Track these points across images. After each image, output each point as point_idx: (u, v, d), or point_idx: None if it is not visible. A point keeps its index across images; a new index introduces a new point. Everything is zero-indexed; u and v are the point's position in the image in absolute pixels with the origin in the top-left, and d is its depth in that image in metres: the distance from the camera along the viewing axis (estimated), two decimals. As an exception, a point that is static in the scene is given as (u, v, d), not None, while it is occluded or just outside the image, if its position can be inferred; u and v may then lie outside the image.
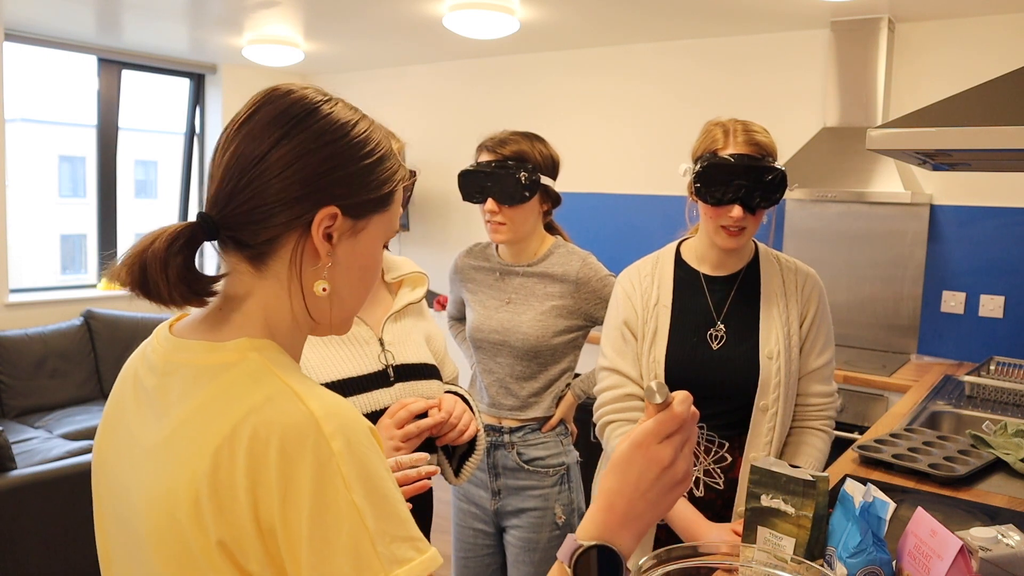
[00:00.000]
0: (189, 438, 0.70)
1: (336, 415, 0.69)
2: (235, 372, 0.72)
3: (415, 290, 1.51)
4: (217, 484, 0.67)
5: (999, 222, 3.20)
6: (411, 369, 1.41)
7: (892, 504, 1.07)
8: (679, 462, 0.73)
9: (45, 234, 11.58)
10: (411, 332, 1.47)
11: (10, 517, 2.47)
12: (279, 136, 0.74)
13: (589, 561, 0.71)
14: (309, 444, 0.66)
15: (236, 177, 0.74)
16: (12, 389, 4.03)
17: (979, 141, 1.60)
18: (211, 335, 0.76)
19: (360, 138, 0.78)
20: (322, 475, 0.66)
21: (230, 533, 0.66)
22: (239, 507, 0.66)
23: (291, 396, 0.69)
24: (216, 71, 5.19)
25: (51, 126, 12.06)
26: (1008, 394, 2.39)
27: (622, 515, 0.72)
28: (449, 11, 3.43)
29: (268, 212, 0.74)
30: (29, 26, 4.20)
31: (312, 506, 0.65)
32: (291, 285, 0.77)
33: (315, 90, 0.80)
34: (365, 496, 0.67)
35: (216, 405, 0.70)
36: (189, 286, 0.74)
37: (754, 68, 3.76)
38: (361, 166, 0.78)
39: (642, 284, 1.68)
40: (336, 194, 0.76)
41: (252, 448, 0.66)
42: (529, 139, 1.91)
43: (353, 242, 0.79)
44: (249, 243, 0.76)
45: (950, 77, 3.20)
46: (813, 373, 1.65)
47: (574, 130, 4.28)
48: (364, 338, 1.37)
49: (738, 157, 1.53)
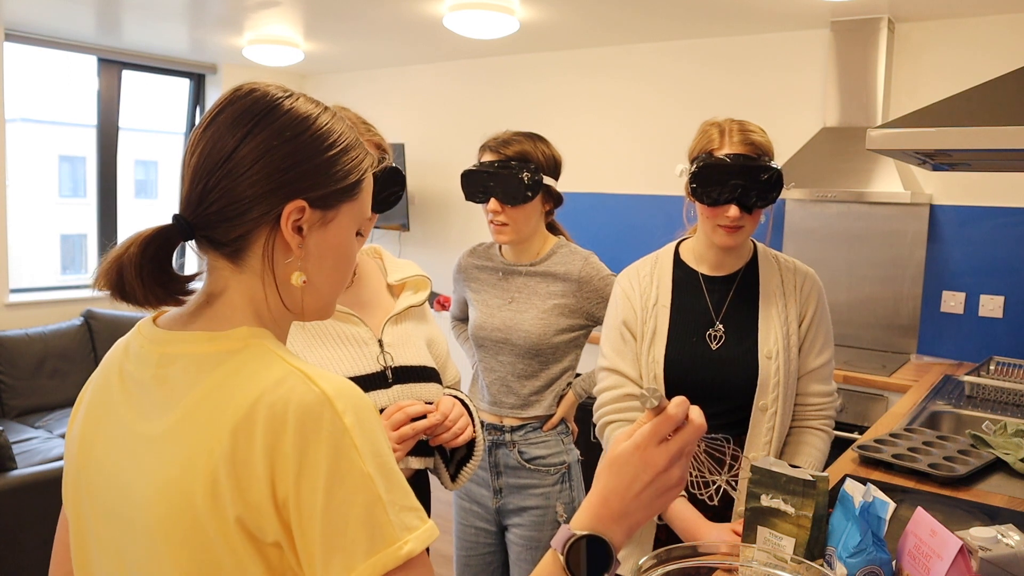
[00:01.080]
0: (202, 421, 0.72)
1: (346, 394, 0.72)
2: (241, 357, 0.75)
3: (417, 293, 1.50)
4: (236, 462, 0.69)
5: (999, 222, 3.20)
6: (410, 371, 1.41)
7: (892, 504, 1.08)
8: (674, 469, 0.76)
9: (45, 234, 11.57)
10: (412, 335, 1.46)
11: (10, 517, 2.47)
12: (242, 135, 0.77)
13: (581, 550, 0.74)
14: (325, 420, 0.69)
15: (205, 178, 0.77)
16: (12, 389, 4.03)
17: (979, 141, 1.60)
18: (206, 326, 0.78)
19: (323, 130, 0.80)
20: (338, 448, 0.69)
21: (248, 510, 0.69)
22: (257, 483, 0.68)
23: (302, 377, 0.72)
24: (216, 71, 5.20)
25: (51, 126, 12.05)
26: (1008, 394, 2.39)
27: (615, 512, 0.75)
28: (449, 11, 3.43)
29: (238, 210, 0.77)
30: (29, 26, 4.21)
31: (328, 478, 0.68)
32: (265, 277, 0.80)
33: (277, 87, 0.82)
34: (376, 468, 0.70)
35: (227, 388, 0.72)
36: (164, 288, 0.78)
37: (754, 68, 3.76)
38: (325, 158, 0.80)
39: (641, 284, 1.68)
40: (302, 187, 0.78)
41: (270, 426, 0.69)
42: (532, 139, 1.92)
43: (324, 233, 0.81)
44: (223, 241, 0.78)
45: (950, 77, 3.20)
46: (812, 373, 1.65)
47: (574, 130, 4.28)
48: (363, 339, 1.37)
49: (734, 157, 1.53)
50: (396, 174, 1.34)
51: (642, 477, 0.75)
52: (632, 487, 0.75)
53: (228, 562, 0.69)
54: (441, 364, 1.52)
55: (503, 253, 2.02)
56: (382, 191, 1.31)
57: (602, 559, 0.74)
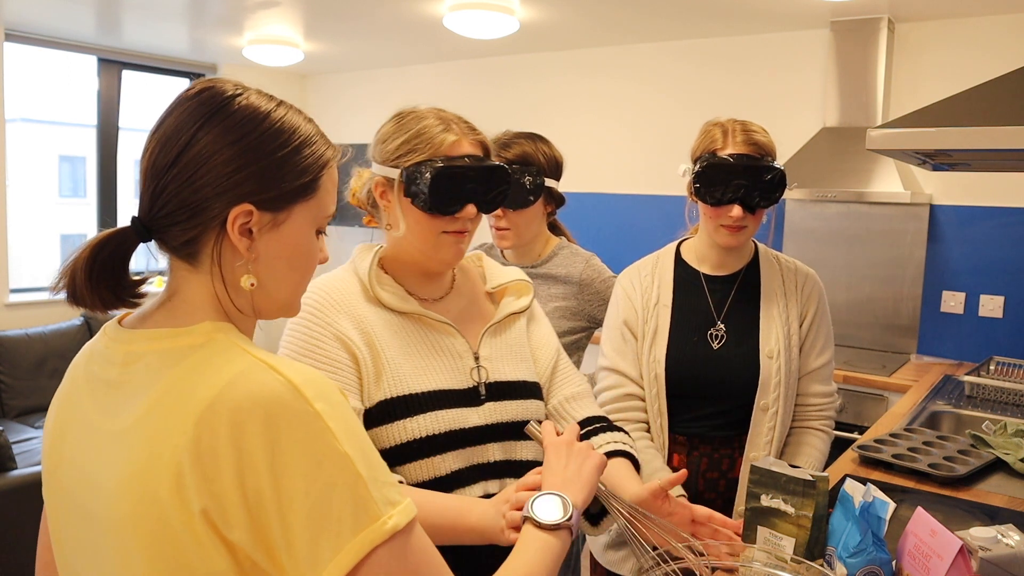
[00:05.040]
0: (166, 415, 0.71)
1: (313, 381, 0.72)
2: (205, 351, 0.74)
3: (520, 299, 1.36)
4: (200, 453, 0.68)
5: (999, 222, 3.20)
6: (506, 387, 1.27)
7: (892, 504, 1.08)
8: (576, 444, 1.06)
9: (45, 234, 11.56)
10: (512, 346, 1.32)
11: (10, 517, 2.47)
12: (188, 138, 0.76)
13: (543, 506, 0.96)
14: (295, 408, 0.69)
15: (154, 181, 0.77)
16: (12, 389, 4.03)
17: (979, 141, 1.60)
18: (169, 323, 0.78)
19: (272, 130, 0.79)
20: (311, 433, 0.69)
21: (213, 502, 0.68)
22: (223, 476, 0.68)
23: (265, 368, 0.72)
24: (216, 71, 5.20)
25: (51, 126, 12.05)
26: (1008, 394, 2.39)
27: (560, 480, 1.00)
28: (449, 11, 3.43)
29: (186, 214, 0.76)
30: (29, 26, 4.21)
31: (307, 462, 0.68)
32: (214, 279, 0.79)
33: (232, 83, 0.81)
34: (353, 447, 0.71)
35: (191, 381, 0.72)
36: (113, 291, 0.78)
37: (754, 68, 3.76)
38: (274, 159, 0.78)
39: (642, 284, 1.68)
40: (248, 191, 0.77)
41: (235, 417, 0.68)
42: (532, 140, 1.90)
43: (276, 234, 0.80)
44: (175, 244, 0.78)
45: (950, 77, 3.20)
46: (813, 373, 1.65)
47: (574, 130, 4.28)
48: (459, 351, 1.25)
49: (737, 157, 1.53)
50: (502, 172, 1.24)
51: (561, 454, 1.04)
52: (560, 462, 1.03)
53: (194, 555, 0.69)
54: (546, 375, 1.36)
55: (504, 255, 2.02)
56: (489, 191, 1.22)
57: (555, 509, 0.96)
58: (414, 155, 1.19)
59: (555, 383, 1.36)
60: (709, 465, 1.61)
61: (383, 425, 1.14)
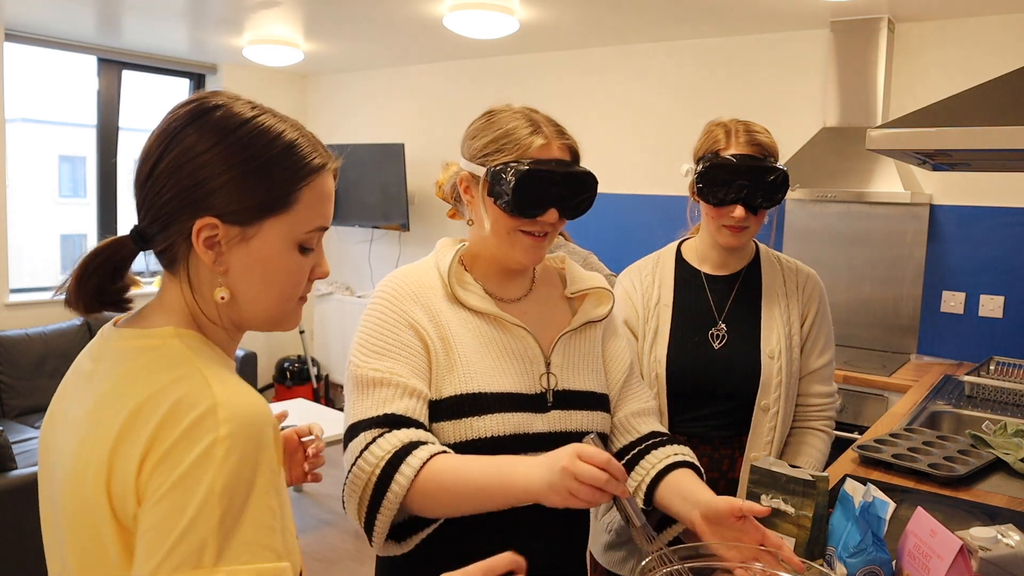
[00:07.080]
0: (107, 409, 0.74)
1: (237, 404, 0.72)
2: (154, 354, 0.77)
3: (600, 307, 1.32)
4: (124, 444, 0.71)
5: (999, 222, 3.20)
6: (573, 397, 1.24)
7: (892, 504, 1.08)
8: None
9: (45, 234, 11.56)
10: (587, 354, 1.29)
11: (11, 517, 2.47)
12: (159, 153, 0.79)
13: None
14: (202, 424, 0.70)
15: (138, 194, 0.81)
16: (12, 389, 4.03)
17: (979, 141, 1.60)
18: (140, 324, 0.82)
19: (240, 143, 0.78)
20: (201, 455, 0.68)
21: (123, 490, 0.70)
22: (130, 463, 0.70)
23: (199, 379, 0.73)
24: (216, 71, 5.19)
25: (51, 126, 12.03)
26: (1008, 394, 2.39)
27: None
28: (449, 11, 3.43)
29: (160, 225, 0.79)
30: (29, 26, 4.21)
31: (181, 477, 0.68)
32: (183, 287, 0.81)
33: (223, 96, 0.81)
34: (226, 492, 0.68)
35: (135, 380, 0.75)
36: (97, 298, 0.82)
37: (754, 68, 3.76)
38: (239, 173, 0.78)
39: (643, 283, 1.68)
40: (211, 204, 0.77)
41: (156, 417, 0.71)
42: None
43: (245, 249, 0.79)
44: (156, 251, 0.82)
45: (950, 77, 3.20)
46: (813, 373, 1.65)
47: (574, 130, 4.23)
48: (531, 355, 1.23)
49: (740, 157, 1.53)
50: (589, 179, 1.24)
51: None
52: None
53: (114, 548, 0.72)
54: (616, 388, 1.33)
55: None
56: (574, 196, 1.21)
57: None
58: (501, 155, 1.20)
59: (623, 397, 1.33)
60: (709, 465, 1.61)
61: (451, 420, 1.14)
